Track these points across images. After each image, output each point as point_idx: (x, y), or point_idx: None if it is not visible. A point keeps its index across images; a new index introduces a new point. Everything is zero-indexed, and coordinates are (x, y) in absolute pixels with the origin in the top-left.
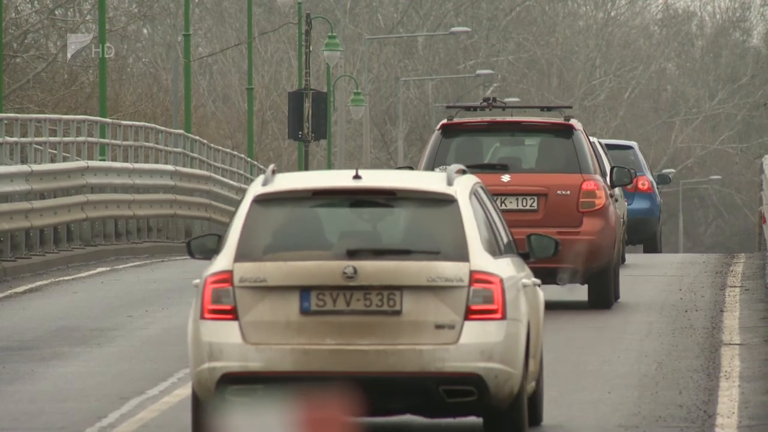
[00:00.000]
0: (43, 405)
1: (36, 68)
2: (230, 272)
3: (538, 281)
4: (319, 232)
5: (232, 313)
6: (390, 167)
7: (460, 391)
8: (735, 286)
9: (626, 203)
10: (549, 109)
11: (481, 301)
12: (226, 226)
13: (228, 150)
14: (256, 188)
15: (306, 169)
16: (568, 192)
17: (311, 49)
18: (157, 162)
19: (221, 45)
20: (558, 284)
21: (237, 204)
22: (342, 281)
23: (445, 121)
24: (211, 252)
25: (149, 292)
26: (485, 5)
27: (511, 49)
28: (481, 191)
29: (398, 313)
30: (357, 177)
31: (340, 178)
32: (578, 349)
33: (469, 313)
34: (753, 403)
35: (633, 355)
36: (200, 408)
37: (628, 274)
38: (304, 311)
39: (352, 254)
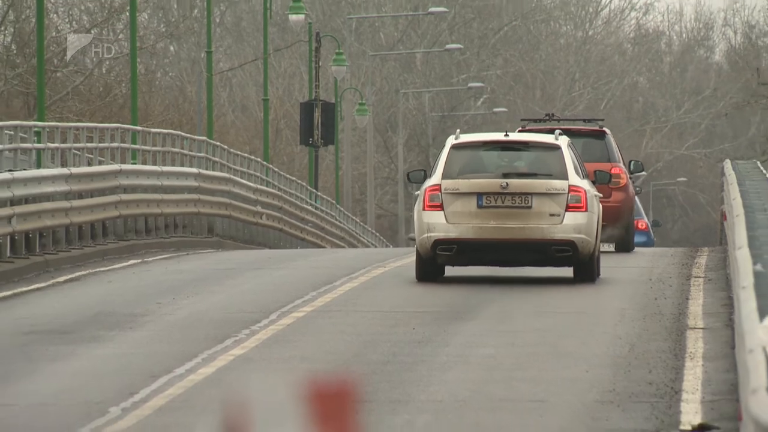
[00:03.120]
0: (82, 382)
1: (74, 81)
2: (439, 185)
3: (600, 194)
4: (487, 163)
5: (440, 207)
6: (391, 170)
7: (562, 249)
8: (699, 277)
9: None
10: (589, 120)
11: (574, 201)
12: (247, 223)
13: (246, 155)
14: (451, 141)
15: (316, 173)
16: (601, 187)
17: (320, 64)
18: (182, 165)
19: (240, 60)
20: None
21: (440, 149)
22: (499, 190)
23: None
24: (421, 180)
25: (176, 281)
26: (476, 25)
27: (500, 65)
28: (572, 146)
29: (530, 207)
30: (506, 135)
31: (497, 136)
32: (559, 333)
33: (568, 208)
34: (715, 381)
35: (608, 338)
36: (421, 260)
37: (604, 266)
38: (479, 206)
39: (506, 175)
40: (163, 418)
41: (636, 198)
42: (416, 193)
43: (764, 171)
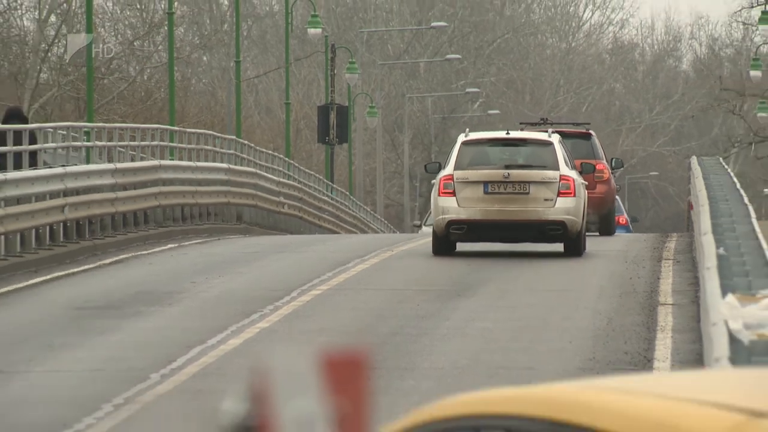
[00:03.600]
0: (126, 352)
1: (119, 87)
2: (452, 175)
3: (586, 183)
4: (492, 157)
5: (453, 193)
6: (398, 165)
7: (554, 228)
8: (669, 259)
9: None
10: (577, 124)
11: (565, 188)
12: (272, 213)
13: (270, 152)
14: (462, 138)
15: (332, 167)
16: (588, 177)
17: (335, 72)
18: (214, 161)
19: (264, 69)
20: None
21: (445, 146)
22: (502, 179)
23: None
24: (436, 171)
25: (209, 263)
26: (473, 38)
27: (493, 72)
28: (562, 142)
29: (527, 193)
30: (508, 133)
31: (500, 134)
32: (547, 309)
33: (559, 194)
34: (683, 351)
35: (589, 313)
36: (437, 237)
37: (587, 248)
38: (485, 192)
39: (507, 167)
40: (197, 383)
41: (617, 196)
42: (432, 181)
43: (726, 166)
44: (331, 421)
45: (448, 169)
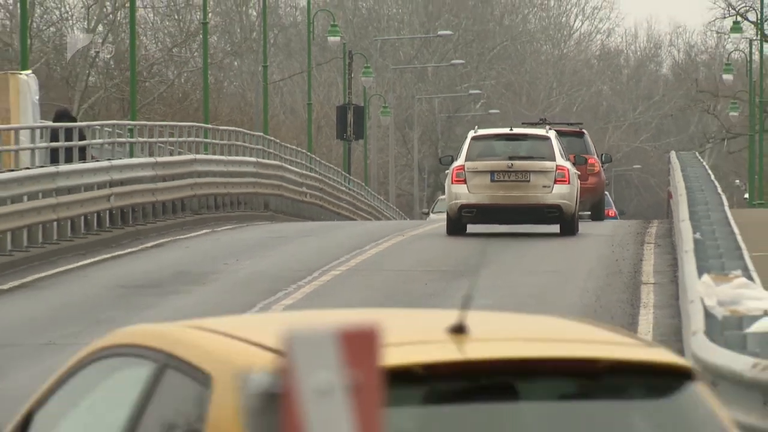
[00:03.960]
0: None
1: (159, 89)
2: (463, 165)
3: (579, 173)
4: (497, 150)
5: (464, 181)
6: (408, 159)
7: (552, 211)
8: (650, 243)
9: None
10: (572, 124)
11: (560, 177)
12: (295, 201)
13: (293, 147)
14: (471, 134)
15: (349, 161)
16: (580, 168)
17: (352, 75)
18: (243, 155)
19: (289, 73)
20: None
21: (462, 140)
22: (506, 169)
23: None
24: (449, 162)
25: (239, 246)
26: (475, 45)
27: (494, 76)
28: (557, 137)
29: (528, 181)
30: (511, 129)
31: (504, 130)
32: (542, 287)
33: (555, 181)
34: (662, 325)
35: (578, 291)
36: (450, 220)
37: (579, 232)
38: (492, 180)
39: (511, 158)
40: None
41: (606, 191)
42: (446, 171)
43: (701, 160)
44: (347, 390)
45: (460, 161)
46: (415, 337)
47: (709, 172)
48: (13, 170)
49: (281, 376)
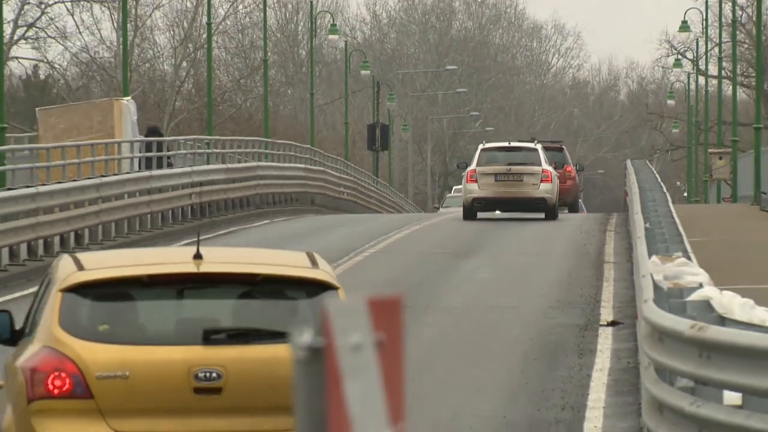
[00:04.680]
0: None
1: (230, 111)
2: (475, 169)
3: (558, 175)
4: (499, 157)
5: (475, 181)
6: (423, 166)
7: (539, 202)
8: (611, 231)
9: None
10: (555, 141)
11: (545, 177)
12: (335, 198)
13: (334, 156)
14: (481, 146)
15: (377, 167)
16: (560, 173)
17: (379, 101)
18: (295, 163)
19: (330, 98)
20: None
21: (467, 152)
22: (506, 171)
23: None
24: (465, 167)
25: (292, 234)
26: (475, 77)
27: (489, 101)
28: (543, 149)
29: (522, 180)
30: (509, 143)
31: (505, 144)
32: (528, 265)
33: (541, 180)
34: (620, 294)
35: (555, 269)
36: (465, 208)
37: (558, 220)
38: (495, 180)
39: (509, 164)
40: None
41: (580, 194)
42: (462, 173)
43: (650, 167)
44: (374, 347)
45: (472, 166)
46: (171, 260)
47: (657, 176)
48: (117, 174)
49: (323, 336)
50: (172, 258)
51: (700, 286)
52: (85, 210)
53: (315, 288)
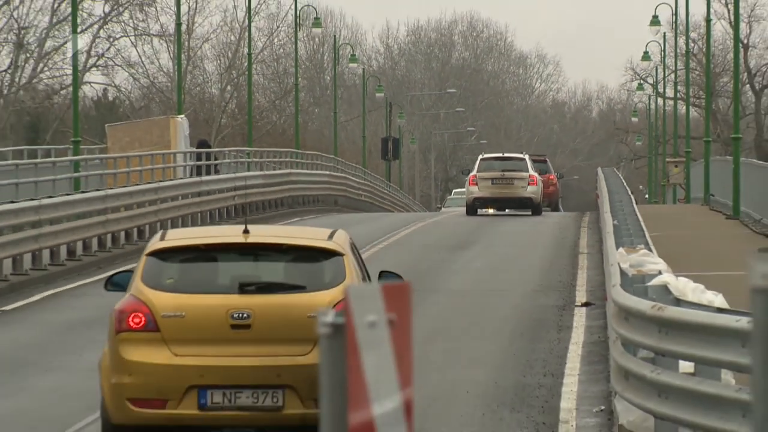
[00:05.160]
0: None
1: (267, 128)
2: (475, 174)
3: (542, 180)
4: (495, 166)
5: (476, 184)
6: (427, 173)
7: (527, 201)
8: (585, 227)
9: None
10: (539, 154)
11: (531, 181)
12: (355, 200)
13: (354, 164)
14: (480, 157)
15: (389, 173)
16: (544, 178)
17: (391, 118)
18: (321, 170)
19: (351, 116)
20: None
21: (466, 162)
22: (500, 176)
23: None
24: (467, 173)
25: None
26: (471, 99)
27: (483, 119)
28: (530, 159)
29: (513, 183)
30: (503, 154)
31: (499, 155)
32: (516, 256)
33: (528, 183)
34: (593, 280)
35: (537, 258)
36: (468, 206)
37: (541, 217)
38: (492, 183)
39: (503, 170)
40: None
41: (559, 199)
42: (465, 178)
43: (618, 173)
44: (387, 325)
45: (473, 172)
46: (226, 234)
47: (623, 181)
48: (172, 179)
49: (344, 314)
50: (228, 232)
51: (659, 273)
52: (145, 209)
53: (327, 254)
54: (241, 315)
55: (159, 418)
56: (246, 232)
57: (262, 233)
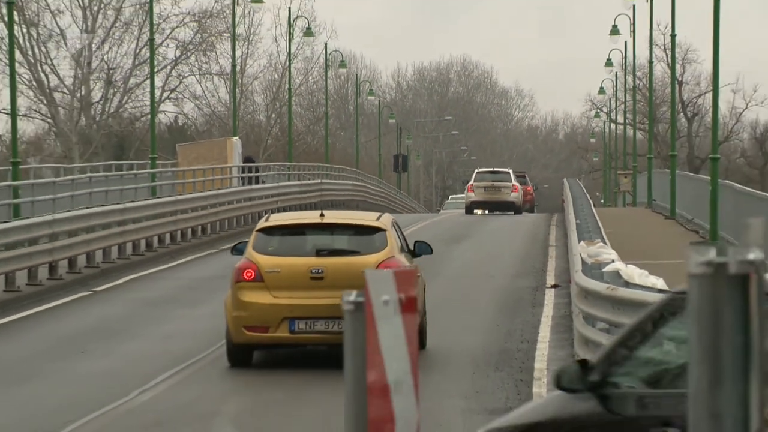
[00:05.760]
0: None
1: (303, 147)
2: (472, 184)
3: (522, 188)
4: (486, 177)
5: (473, 191)
6: (430, 183)
7: (510, 204)
8: (553, 225)
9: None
10: (521, 171)
11: (513, 189)
12: (372, 203)
13: (371, 176)
14: (476, 171)
15: (399, 183)
16: (524, 188)
17: (401, 140)
18: (346, 180)
19: (369, 138)
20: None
21: (460, 174)
22: (491, 185)
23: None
24: (465, 183)
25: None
26: (464, 124)
27: (473, 140)
28: (513, 172)
29: (500, 191)
30: (493, 169)
31: (490, 169)
32: (500, 249)
33: (512, 191)
34: (560, 267)
35: (517, 249)
36: (466, 208)
37: (521, 217)
38: (485, 190)
39: (492, 181)
40: None
41: (535, 204)
42: (465, 186)
43: (579, 183)
44: (397, 303)
45: (471, 182)
46: (308, 217)
47: (583, 189)
48: (228, 188)
49: (364, 295)
50: (309, 216)
51: (612, 261)
52: (207, 212)
53: (375, 230)
54: (317, 271)
55: (263, 339)
56: (322, 215)
57: (333, 216)
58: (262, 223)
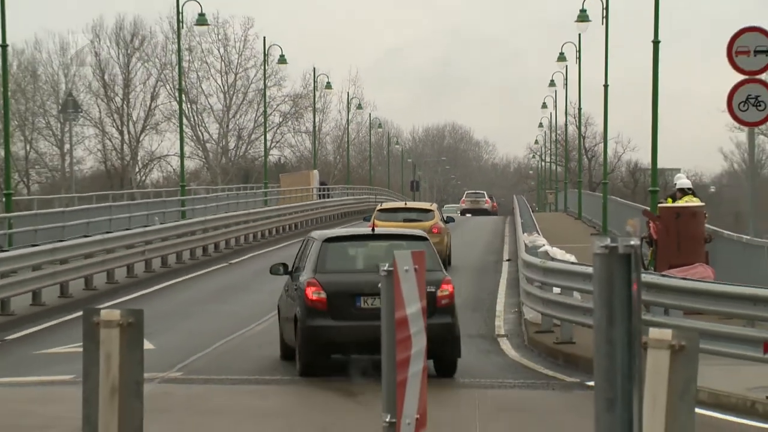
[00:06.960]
0: None
1: (356, 176)
2: (464, 199)
3: (491, 202)
4: (471, 195)
5: (464, 203)
6: (429, 198)
7: (486, 211)
8: (507, 223)
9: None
10: (491, 195)
11: (486, 203)
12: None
13: (397, 193)
14: (465, 192)
15: (414, 198)
16: (495, 203)
17: (415, 171)
18: (368, 197)
19: (395, 170)
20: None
21: (455, 192)
22: (474, 199)
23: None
24: (459, 198)
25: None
26: (454, 162)
27: (459, 172)
28: (485, 193)
29: (479, 203)
30: (475, 191)
31: (473, 191)
32: (474, 238)
33: (485, 203)
34: (511, 248)
35: (485, 239)
36: (461, 213)
37: (489, 219)
38: (470, 203)
39: (474, 198)
40: None
41: (497, 210)
42: (459, 200)
43: (524, 198)
44: (413, 270)
45: (463, 198)
46: (399, 204)
47: (526, 201)
48: (310, 202)
49: (393, 266)
50: (400, 204)
51: (544, 245)
52: (299, 214)
53: (428, 210)
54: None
55: None
56: (405, 203)
57: (410, 204)
58: (379, 207)
